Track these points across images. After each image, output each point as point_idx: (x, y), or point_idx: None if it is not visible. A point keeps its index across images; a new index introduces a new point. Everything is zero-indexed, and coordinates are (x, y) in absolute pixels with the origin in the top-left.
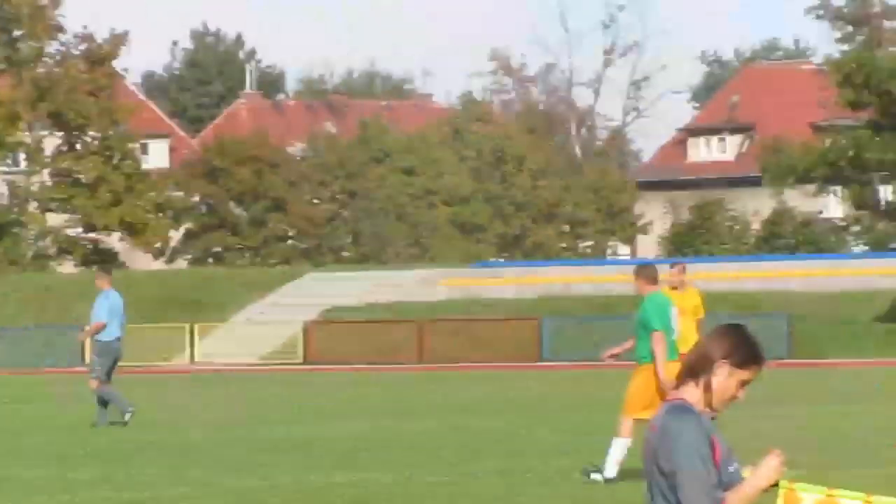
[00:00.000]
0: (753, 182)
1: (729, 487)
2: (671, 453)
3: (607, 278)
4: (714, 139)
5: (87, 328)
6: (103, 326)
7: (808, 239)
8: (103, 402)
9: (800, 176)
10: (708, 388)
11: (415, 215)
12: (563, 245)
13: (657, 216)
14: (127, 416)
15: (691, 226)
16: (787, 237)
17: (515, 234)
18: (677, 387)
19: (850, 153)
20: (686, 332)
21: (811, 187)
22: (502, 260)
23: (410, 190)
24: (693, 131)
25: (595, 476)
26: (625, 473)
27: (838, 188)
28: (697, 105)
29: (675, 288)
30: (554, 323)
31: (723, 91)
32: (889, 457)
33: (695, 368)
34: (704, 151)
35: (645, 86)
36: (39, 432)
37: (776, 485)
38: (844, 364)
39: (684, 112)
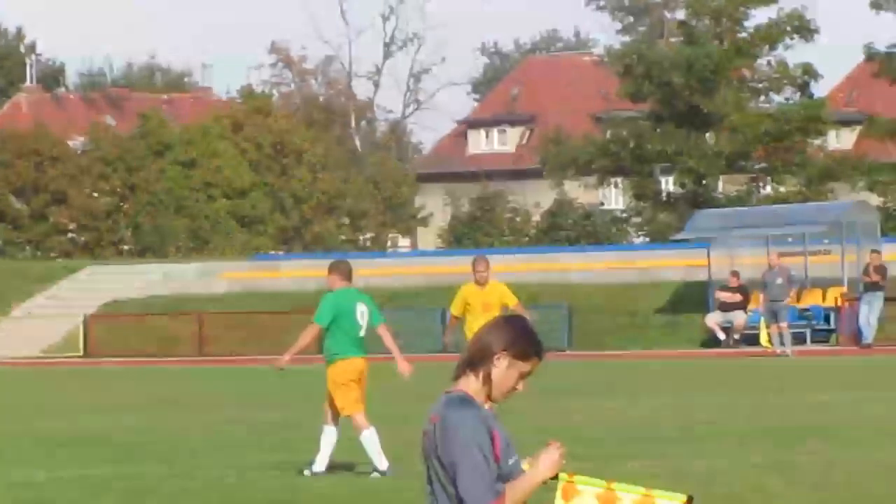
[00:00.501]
0: (534, 174)
1: (509, 479)
2: (450, 445)
3: (387, 271)
4: (494, 131)
5: None
6: None
7: (589, 230)
8: None
9: (580, 167)
10: (487, 380)
11: (195, 208)
12: (344, 237)
13: (438, 208)
14: None
15: (472, 217)
16: (568, 229)
17: (295, 226)
18: (457, 378)
19: (631, 144)
20: None
21: (592, 179)
22: (282, 253)
23: (190, 183)
24: (473, 123)
25: (374, 475)
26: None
27: (619, 180)
28: (478, 97)
29: (480, 284)
30: None
31: (503, 83)
32: (670, 448)
33: (474, 360)
34: (485, 143)
35: (425, 78)
36: None
37: (556, 477)
38: (625, 356)
39: (465, 104)
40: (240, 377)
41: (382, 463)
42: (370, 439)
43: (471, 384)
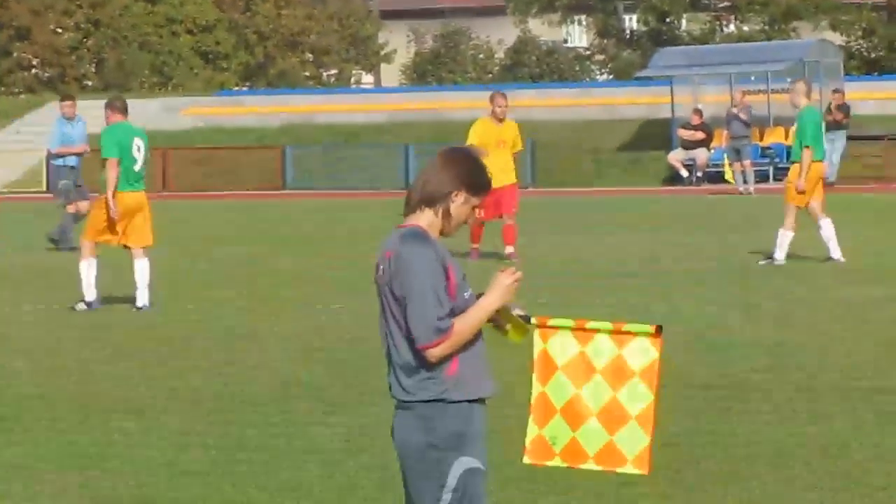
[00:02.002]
0: (498, 11)
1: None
2: (404, 279)
3: (351, 107)
4: None
5: None
6: None
7: (553, 68)
8: None
9: (544, 5)
10: (447, 215)
11: (158, 44)
12: (307, 74)
13: (401, 45)
14: None
15: (435, 54)
16: (531, 66)
17: (259, 62)
18: (409, 214)
19: None
20: (503, 163)
21: (556, 16)
22: (246, 89)
23: (154, 19)
24: None
25: (80, 305)
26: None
27: (583, 17)
28: None
29: (500, 119)
30: (297, 152)
31: None
32: (630, 283)
33: (433, 197)
34: None
35: None
36: None
37: (528, 320)
38: (588, 192)
39: None
40: (203, 211)
41: (91, 294)
42: (86, 270)
43: (425, 219)
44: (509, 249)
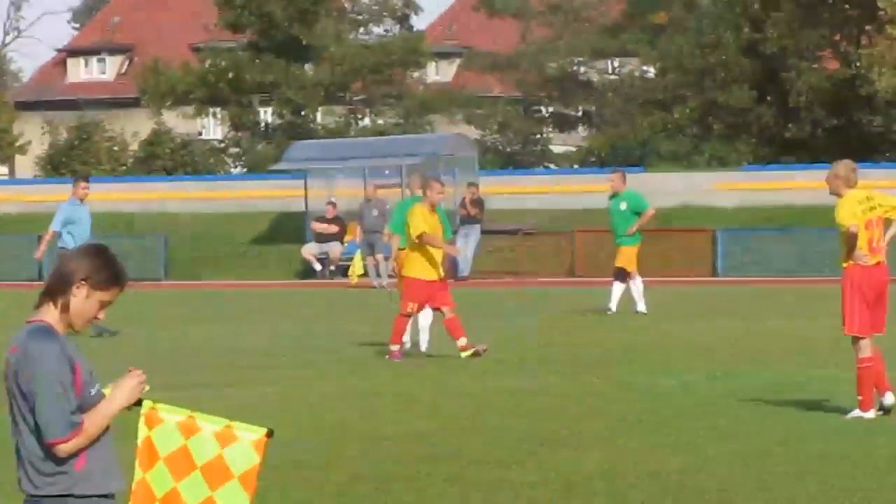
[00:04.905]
0: (133, 103)
1: (92, 409)
2: (31, 376)
3: None
4: (94, 60)
5: None
6: None
7: (187, 160)
8: None
9: (179, 97)
10: (66, 310)
11: None
12: None
13: (36, 136)
14: None
15: (69, 146)
16: (166, 159)
17: None
18: (38, 307)
19: (230, 75)
20: (441, 255)
21: (190, 109)
22: None
23: None
24: (72, 52)
25: None
26: None
27: (217, 110)
28: (77, 26)
29: (433, 207)
30: None
31: (103, 12)
32: (277, 374)
33: (54, 289)
34: (84, 72)
35: (25, 6)
36: None
37: (140, 404)
38: (222, 285)
39: (64, 33)
40: None
41: None
42: None
43: (50, 313)
44: (461, 342)
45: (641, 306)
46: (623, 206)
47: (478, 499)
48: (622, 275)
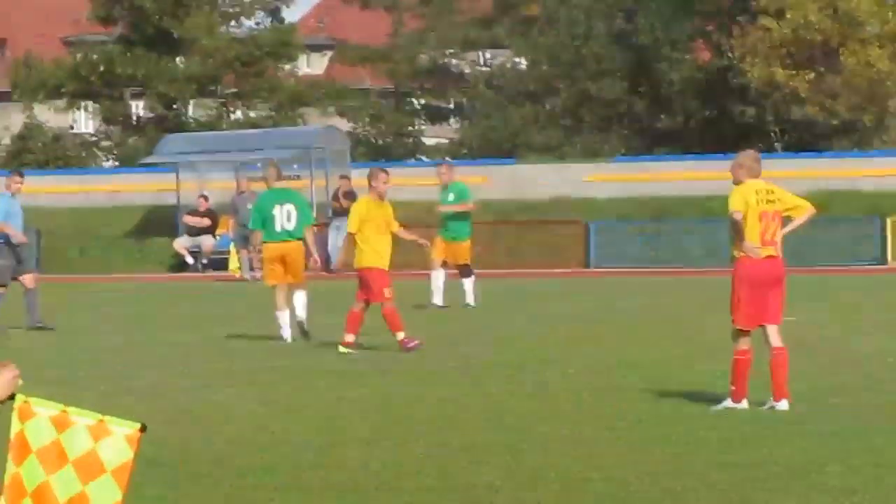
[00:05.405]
0: (4, 97)
1: None
2: None
3: None
4: None
5: None
6: None
7: (59, 154)
8: None
9: (50, 91)
10: None
11: None
12: None
13: None
14: None
15: None
16: (38, 153)
17: None
18: None
19: (101, 68)
20: (386, 246)
21: (62, 102)
22: None
23: None
24: None
25: None
26: None
27: (89, 103)
28: None
29: (381, 197)
30: None
31: None
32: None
33: None
34: None
35: None
36: None
37: (13, 398)
38: (94, 279)
39: None
40: None
41: None
42: None
43: None
44: (399, 336)
45: (438, 299)
46: (451, 197)
47: None
48: (468, 271)
